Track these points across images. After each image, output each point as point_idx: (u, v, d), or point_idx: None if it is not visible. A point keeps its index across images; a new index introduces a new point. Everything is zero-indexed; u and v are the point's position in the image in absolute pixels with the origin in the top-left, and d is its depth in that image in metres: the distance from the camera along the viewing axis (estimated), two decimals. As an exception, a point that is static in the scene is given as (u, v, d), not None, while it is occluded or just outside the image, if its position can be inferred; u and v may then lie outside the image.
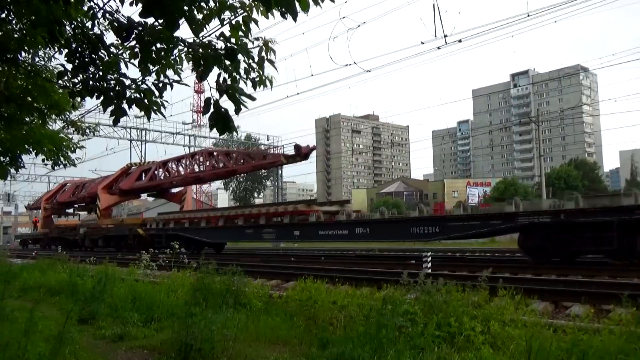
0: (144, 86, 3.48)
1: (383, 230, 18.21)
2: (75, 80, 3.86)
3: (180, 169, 30.25)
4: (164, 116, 3.67)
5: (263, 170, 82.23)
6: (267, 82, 3.35)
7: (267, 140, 51.13)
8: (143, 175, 32.86)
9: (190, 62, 3.29)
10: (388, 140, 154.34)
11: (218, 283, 7.66)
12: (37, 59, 6.24)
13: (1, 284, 9.46)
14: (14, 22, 4.24)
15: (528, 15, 16.84)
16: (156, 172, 31.90)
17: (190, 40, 3.21)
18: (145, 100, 3.46)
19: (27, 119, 6.39)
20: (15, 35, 4.46)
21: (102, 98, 3.51)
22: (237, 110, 3.16)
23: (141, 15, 2.97)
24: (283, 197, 59.37)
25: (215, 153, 28.74)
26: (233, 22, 3.15)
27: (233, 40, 3.12)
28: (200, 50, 3.13)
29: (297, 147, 23.58)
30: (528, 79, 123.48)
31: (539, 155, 43.24)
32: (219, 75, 3.18)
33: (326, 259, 19.85)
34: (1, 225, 74.91)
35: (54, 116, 7.17)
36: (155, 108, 3.51)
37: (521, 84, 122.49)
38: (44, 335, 5.56)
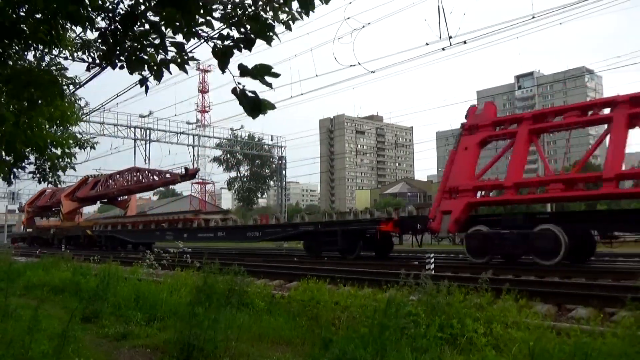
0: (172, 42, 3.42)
1: (233, 234, 25.71)
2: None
3: (121, 180, 36.18)
4: (194, 59, 3.58)
5: (266, 171, 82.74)
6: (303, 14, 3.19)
7: (271, 140, 51.12)
8: (96, 186, 38.94)
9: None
10: (392, 141, 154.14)
11: (221, 283, 7.68)
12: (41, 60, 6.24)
13: (5, 282, 9.51)
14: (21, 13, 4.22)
15: (533, 17, 16.80)
16: (103, 184, 37.97)
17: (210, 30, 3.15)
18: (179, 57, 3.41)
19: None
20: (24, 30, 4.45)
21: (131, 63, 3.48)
22: (268, 84, 3.07)
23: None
24: (287, 197, 59.39)
25: (138, 171, 35.48)
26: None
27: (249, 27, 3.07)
28: (219, 42, 3.10)
29: (186, 169, 32.52)
30: (533, 80, 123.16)
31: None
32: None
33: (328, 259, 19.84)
34: (6, 223, 75.29)
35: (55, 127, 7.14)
36: (187, 59, 3.45)
37: (526, 86, 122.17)
38: (47, 334, 5.59)
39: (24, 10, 3.87)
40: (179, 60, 3.40)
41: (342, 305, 6.72)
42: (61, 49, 5.26)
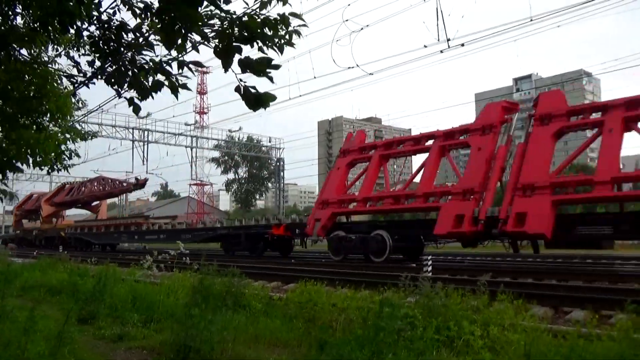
0: (167, 67, 3.46)
1: (171, 235, 28.95)
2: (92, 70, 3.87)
3: (90, 188, 40.94)
4: (189, 89, 3.62)
5: (265, 172, 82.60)
6: (295, 37, 3.24)
7: (269, 142, 51.06)
8: (70, 192, 43.61)
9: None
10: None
11: (218, 284, 7.66)
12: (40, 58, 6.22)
13: (2, 283, 9.48)
14: (16, 16, 4.21)
15: (531, 20, 16.80)
16: (76, 190, 42.54)
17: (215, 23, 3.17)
18: (167, 82, 3.45)
19: (29, 122, 6.36)
20: (21, 31, 4.45)
21: (121, 84, 3.51)
22: (269, 77, 3.12)
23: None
24: (285, 199, 59.31)
25: (104, 180, 40.45)
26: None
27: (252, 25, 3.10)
28: (221, 40, 3.12)
29: (137, 179, 37.39)
30: (531, 83, 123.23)
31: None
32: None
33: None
34: (3, 223, 75.20)
35: (53, 123, 7.12)
36: (180, 84, 3.49)
37: (524, 88, 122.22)
38: (43, 335, 5.57)
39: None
40: (174, 82, 3.44)
41: (339, 307, 6.71)
42: (56, 46, 5.25)
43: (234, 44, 3.09)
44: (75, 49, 4.98)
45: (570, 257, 19.41)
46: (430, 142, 18.42)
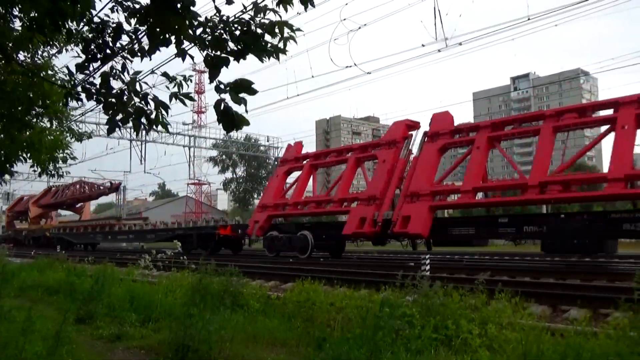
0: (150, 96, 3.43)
1: (138, 236, 33.33)
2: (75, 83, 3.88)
3: (72, 190, 43.35)
4: (167, 130, 3.62)
5: (263, 172, 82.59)
6: (289, 42, 3.21)
7: (267, 141, 51.02)
8: (55, 194, 46.13)
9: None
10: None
11: (216, 284, 7.66)
12: (37, 59, 6.22)
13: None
14: (12, 17, 4.21)
15: (529, 19, 16.84)
16: (60, 193, 44.91)
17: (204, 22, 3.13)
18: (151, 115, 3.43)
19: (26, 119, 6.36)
20: (15, 34, 4.44)
21: (103, 104, 3.50)
22: (242, 103, 3.07)
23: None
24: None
25: (84, 184, 43.36)
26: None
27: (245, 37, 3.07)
28: (213, 51, 3.09)
29: (111, 183, 41.28)
30: (528, 82, 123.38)
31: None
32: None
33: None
34: (1, 223, 75.01)
35: (47, 119, 7.12)
36: (162, 121, 3.46)
37: (521, 87, 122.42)
38: (41, 335, 5.55)
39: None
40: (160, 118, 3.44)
41: (337, 306, 6.71)
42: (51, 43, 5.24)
43: (223, 55, 3.07)
44: (66, 50, 4.96)
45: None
46: (349, 154, 21.36)
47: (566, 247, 14.93)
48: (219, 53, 3.09)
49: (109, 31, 3.51)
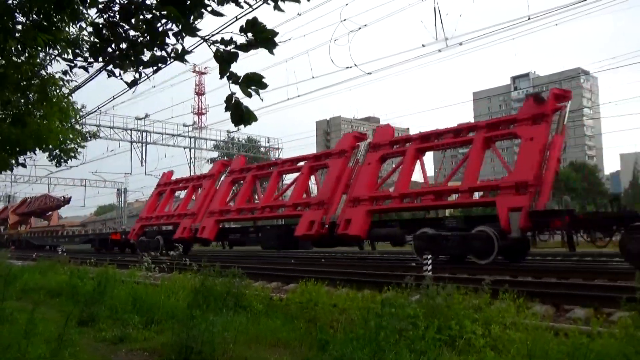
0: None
1: (70, 239, 41.91)
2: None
3: (40, 202, 52.99)
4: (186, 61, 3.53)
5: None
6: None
7: (268, 142, 50.96)
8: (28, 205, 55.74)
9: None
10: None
11: (219, 285, 7.65)
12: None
13: (2, 285, 9.46)
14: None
15: (529, 19, 16.81)
16: (32, 204, 54.58)
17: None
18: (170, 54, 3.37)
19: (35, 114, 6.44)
20: (17, 35, 4.43)
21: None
22: (253, 94, 3.06)
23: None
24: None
25: (48, 197, 52.49)
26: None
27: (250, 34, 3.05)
28: (222, 47, 3.08)
29: (64, 197, 50.00)
30: (529, 81, 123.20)
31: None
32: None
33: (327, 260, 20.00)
34: (1, 225, 75.25)
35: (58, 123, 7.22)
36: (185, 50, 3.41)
37: (522, 87, 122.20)
38: (44, 337, 5.56)
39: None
40: (178, 51, 3.37)
41: (340, 307, 6.71)
42: (54, 47, 5.24)
43: (233, 50, 3.06)
44: (74, 47, 4.94)
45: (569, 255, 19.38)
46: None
47: (271, 246, 22.57)
48: (229, 48, 3.08)
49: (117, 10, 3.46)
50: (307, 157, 23.32)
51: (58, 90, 6.32)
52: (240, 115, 3.07)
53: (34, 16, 3.93)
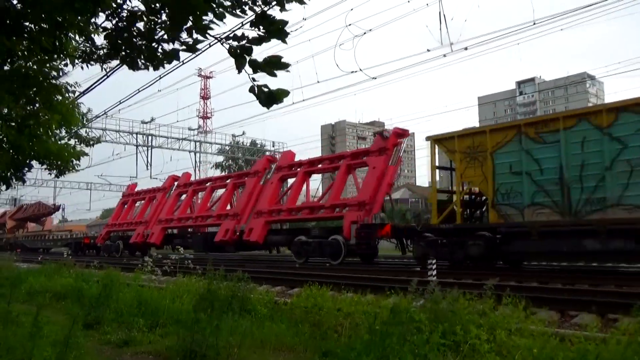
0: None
1: (53, 242, 46.51)
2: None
3: (34, 208, 58.04)
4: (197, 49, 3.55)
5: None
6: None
7: (273, 146, 50.99)
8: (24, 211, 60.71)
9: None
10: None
11: (224, 289, 7.66)
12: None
13: (8, 288, 9.51)
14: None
15: (534, 23, 16.86)
16: (27, 210, 59.65)
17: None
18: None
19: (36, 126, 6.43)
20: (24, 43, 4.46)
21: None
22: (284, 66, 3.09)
23: None
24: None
25: (41, 205, 57.93)
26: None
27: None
28: (235, 43, 3.11)
29: (54, 205, 57.17)
30: (534, 86, 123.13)
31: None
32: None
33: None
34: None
35: (60, 131, 7.25)
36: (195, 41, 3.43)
37: (527, 92, 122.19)
38: (49, 340, 5.58)
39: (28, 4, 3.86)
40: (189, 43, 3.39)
41: (344, 311, 6.70)
42: (63, 58, 5.28)
43: (247, 44, 3.09)
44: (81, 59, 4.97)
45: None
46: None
47: (199, 248, 26.08)
48: (242, 43, 3.10)
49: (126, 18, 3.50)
50: (232, 176, 29.89)
51: (60, 97, 6.33)
52: (269, 96, 3.13)
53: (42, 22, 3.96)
